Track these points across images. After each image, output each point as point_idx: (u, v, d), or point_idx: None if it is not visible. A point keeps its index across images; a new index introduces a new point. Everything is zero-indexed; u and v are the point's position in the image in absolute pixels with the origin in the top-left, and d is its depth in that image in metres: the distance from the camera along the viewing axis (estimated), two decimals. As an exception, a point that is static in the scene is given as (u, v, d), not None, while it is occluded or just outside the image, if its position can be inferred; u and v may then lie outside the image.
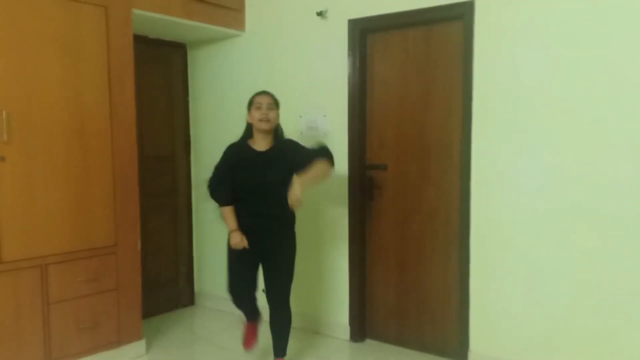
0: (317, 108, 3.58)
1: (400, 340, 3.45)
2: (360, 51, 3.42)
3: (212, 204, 4.25)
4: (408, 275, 3.40)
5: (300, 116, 3.68)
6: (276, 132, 2.90)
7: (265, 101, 2.81)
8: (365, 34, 3.42)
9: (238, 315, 4.07)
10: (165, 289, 4.23)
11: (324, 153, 2.76)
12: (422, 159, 3.30)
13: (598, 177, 2.65)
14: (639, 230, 2.55)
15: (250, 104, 2.87)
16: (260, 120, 2.79)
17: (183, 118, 4.32)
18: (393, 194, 3.42)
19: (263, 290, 3.97)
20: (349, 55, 3.43)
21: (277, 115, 2.87)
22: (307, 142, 3.29)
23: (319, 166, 2.69)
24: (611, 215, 2.63)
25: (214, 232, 4.28)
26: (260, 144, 2.85)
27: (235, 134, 4.06)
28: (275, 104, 2.86)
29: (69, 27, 2.90)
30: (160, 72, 4.16)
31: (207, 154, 4.29)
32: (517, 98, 2.86)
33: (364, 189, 3.50)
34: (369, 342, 3.53)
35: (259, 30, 3.91)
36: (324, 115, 3.58)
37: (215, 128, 4.21)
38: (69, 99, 2.92)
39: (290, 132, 3.74)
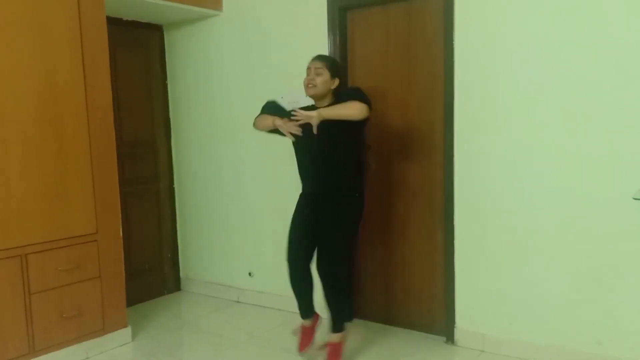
0: (299, 88, 3.51)
1: (387, 318, 3.47)
2: (340, 29, 3.36)
3: (196, 189, 4.23)
4: (393, 254, 3.40)
5: (282, 97, 3.60)
6: (337, 95, 2.80)
7: (313, 65, 2.75)
8: (344, 10, 3.36)
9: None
10: (151, 275, 4.20)
11: (355, 95, 2.69)
12: (406, 137, 3.27)
13: (581, 150, 2.65)
14: (621, 202, 2.56)
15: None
16: (305, 85, 2.76)
17: (162, 102, 4.24)
18: (377, 173, 3.40)
19: (250, 274, 3.99)
20: (329, 33, 3.38)
21: (327, 80, 2.74)
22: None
23: (345, 104, 2.65)
24: (596, 189, 2.64)
25: (198, 217, 4.25)
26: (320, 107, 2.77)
27: (215, 115, 4.03)
28: (326, 67, 2.74)
29: (39, 10, 2.80)
30: (137, 55, 4.07)
31: (188, 137, 4.23)
32: (500, 74, 2.84)
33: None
34: (356, 322, 3.54)
35: (237, 9, 3.82)
36: (306, 96, 3.52)
37: (195, 111, 4.14)
38: (42, 85, 2.84)
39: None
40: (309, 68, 2.78)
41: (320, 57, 2.83)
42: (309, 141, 2.73)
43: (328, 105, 2.74)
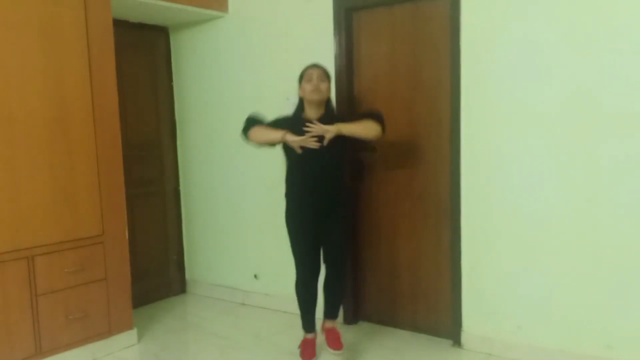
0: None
1: (393, 321, 3.45)
2: (346, 30, 3.35)
3: (202, 191, 4.23)
4: (400, 257, 3.38)
5: (287, 98, 3.60)
6: (328, 104, 2.89)
7: (316, 73, 2.81)
8: (350, 12, 3.36)
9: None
10: (156, 277, 4.20)
11: (373, 116, 2.83)
12: (411, 139, 3.26)
13: (588, 151, 2.63)
14: (631, 205, 2.54)
15: (301, 77, 2.86)
16: (312, 91, 2.78)
17: (168, 104, 4.25)
18: (383, 175, 3.39)
19: (255, 276, 3.98)
20: (334, 34, 3.37)
21: (328, 88, 2.84)
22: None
23: (363, 123, 2.77)
24: (606, 192, 2.61)
25: (204, 219, 4.24)
26: (312, 115, 2.83)
27: (221, 117, 4.03)
28: (326, 76, 2.84)
29: (47, 13, 2.82)
30: (143, 57, 4.08)
31: (193, 139, 4.23)
32: (507, 77, 2.82)
33: (353, 171, 3.46)
34: (362, 324, 3.53)
35: (242, 11, 3.82)
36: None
37: (201, 113, 4.15)
38: (49, 87, 2.85)
39: (277, 114, 3.70)
40: (310, 74, 2.81)
41: (319, 66, 2.88)
42: (316, 153, 2.72)
43: (317, 112, 2.82)
